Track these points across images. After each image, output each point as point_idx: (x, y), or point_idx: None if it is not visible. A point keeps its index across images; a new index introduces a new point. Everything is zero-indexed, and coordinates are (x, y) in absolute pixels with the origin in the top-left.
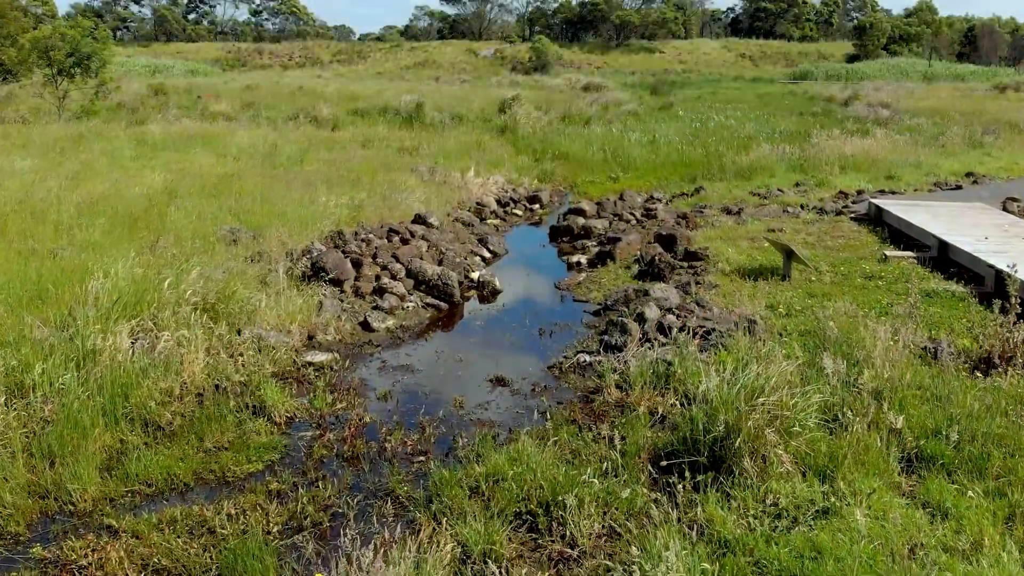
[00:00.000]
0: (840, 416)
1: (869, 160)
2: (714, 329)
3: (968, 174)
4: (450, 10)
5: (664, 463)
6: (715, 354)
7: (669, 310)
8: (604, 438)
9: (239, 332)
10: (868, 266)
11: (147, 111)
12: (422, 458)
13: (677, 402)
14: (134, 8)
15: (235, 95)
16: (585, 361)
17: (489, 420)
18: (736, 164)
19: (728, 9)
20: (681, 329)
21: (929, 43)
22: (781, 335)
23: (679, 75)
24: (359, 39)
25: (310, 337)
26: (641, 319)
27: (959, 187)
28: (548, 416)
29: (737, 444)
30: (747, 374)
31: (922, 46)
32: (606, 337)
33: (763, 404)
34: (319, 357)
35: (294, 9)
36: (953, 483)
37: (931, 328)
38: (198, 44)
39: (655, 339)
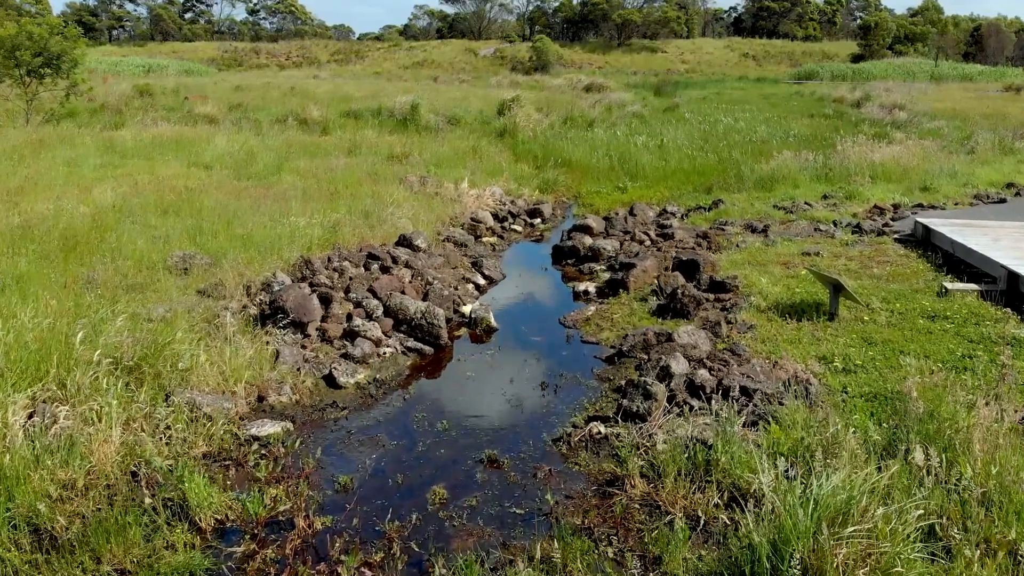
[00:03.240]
0: (939, 530)
1: (900, 169)
2: (758, 390)
3: (1009, 185)
4: (450, 9)
5: None
6: (765, 430)
7: (700, 362)
8: (630, 570)
9: (167, 398)
10: (927, 302)
11: (131, 112)
12: None
13: (722, 502)
14: (130, 7)
15: (224, 96)
16: (599, 433)
17: (477, 528)
18: (755, 173)
19: (730, 8)
20: (718, 391)
21: (935, 43)
22: (843, 399)
23: (682, 75)
24: (358, 38)
25: (260, 399)
26: (666, 374)
27: (1003, 200)
28: (554, 521)
29: None
30: (822, 486)
31: (928, 46)
32: (624, 401)
33: (853, 533)
34: (267, 429)
35: (292, 8)
36: None
37: (1022, 391)
38: (194, 44)
39: (685, 403)
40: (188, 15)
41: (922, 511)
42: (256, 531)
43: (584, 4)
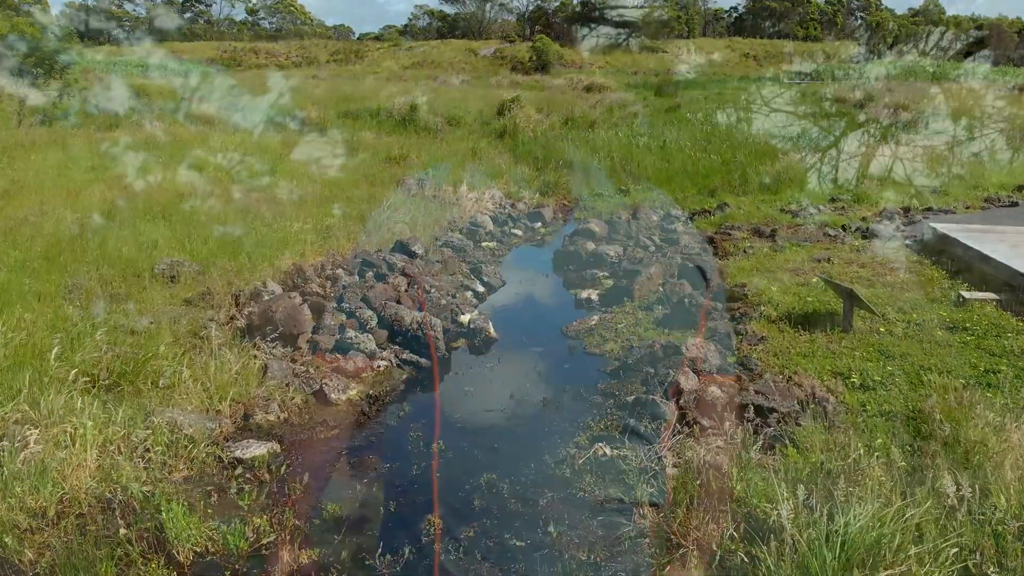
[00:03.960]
0: (972, 568)
1: (907, 171)
2: (773, 409)
3: (1020, 188)
4: (450, 9)
5: None
6: (782, 454)
7: (710, 377)
8: None
9: (147, 418)
10: (944, 312)
11: (126, 113)
12: None
13: (738, 534)
14: (128, 7)
15: (221, 96)
16: (604, 455)
17: (475, 562)
18: (760, 175)
19: (731, 8)
20: (730, 410)
21: (936, 43)
22: (862, 419)
23: (682, 75)
24: (358, 38)
25: (246, 417)
26: (675, 391)
27: (1015, 204)
28: (557, 555)
29: None
30: (849, 523)
31: (929, 46)
32: (631, 420)
33: None
34: (252, 451)
35: (291, 8)
36: None
37: None
38: (193, 43)
39: (696, 422)
40: (187, 15)
41: (957, 548)
42: (237, 565)
43: (584, 4)
